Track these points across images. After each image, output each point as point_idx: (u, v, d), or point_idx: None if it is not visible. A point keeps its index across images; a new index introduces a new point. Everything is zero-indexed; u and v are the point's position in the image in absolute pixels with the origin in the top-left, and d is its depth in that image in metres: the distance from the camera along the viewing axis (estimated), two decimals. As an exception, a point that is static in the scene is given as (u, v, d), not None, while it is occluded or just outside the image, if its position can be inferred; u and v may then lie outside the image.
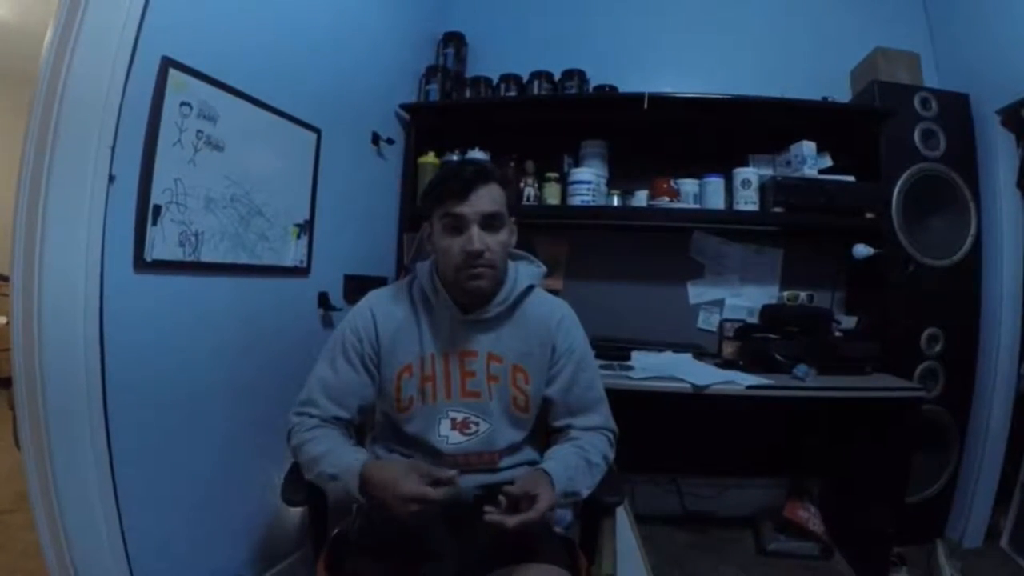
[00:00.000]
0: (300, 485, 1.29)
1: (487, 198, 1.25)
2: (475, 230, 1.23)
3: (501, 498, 1.10)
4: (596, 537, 1.42)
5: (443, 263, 1.29)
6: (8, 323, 1.33)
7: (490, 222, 1.26)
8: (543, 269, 1.45)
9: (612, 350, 2.31)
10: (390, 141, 2.64)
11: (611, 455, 1.37)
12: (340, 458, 1.20)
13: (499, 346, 1.34)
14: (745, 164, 2.66)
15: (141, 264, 1.46)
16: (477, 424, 1.32)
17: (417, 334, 1.34)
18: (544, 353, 1.37)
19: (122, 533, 1.41)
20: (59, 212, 1.29)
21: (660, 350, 2.52)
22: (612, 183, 2.72)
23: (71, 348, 1.31)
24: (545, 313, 1.40)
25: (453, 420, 1.31)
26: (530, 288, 1.39)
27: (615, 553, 1.77)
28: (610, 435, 1.39)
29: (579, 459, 1.27)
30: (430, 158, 2.74)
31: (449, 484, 1.11)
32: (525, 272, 1.39)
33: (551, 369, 1.38)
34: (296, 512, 1.99)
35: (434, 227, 1.30)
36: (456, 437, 1.31)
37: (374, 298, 1.40)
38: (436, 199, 1.27)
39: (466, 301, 1.31)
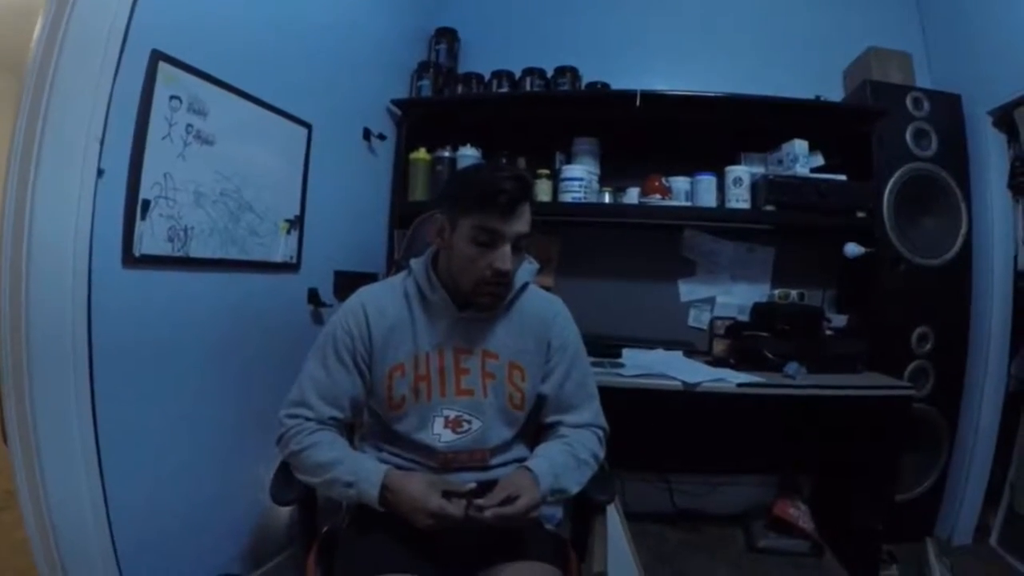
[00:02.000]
0: (289, 484, 1.27)
1: (525, 218, 1.23)
2: (508, 249, 1.21)
3: (481, 502, 1.11)
4: (587, 535, 1.42)
5: (460, 270, 1.25)
6: (-6, 319, 1.32)
7: (520, 242, 1.24)
8: (536, 266, 1.44)
9: (603, 347, 2.30)
10: (381, 137, 2.63)
11: (601, 453, 1.36)
12: (357, 467, 1.20)
13: (495, 343, 1.33)
14: (737, 162, 2.66)
15: (130, 259, 1.45)
16: (469, 422, 1.30)
17: (411, 332, 1.32)
18: (540, 349, 1.36)
19: (110, 530, 1.41)
20: (47, 206, 1.28)
21: (651, 348, 2.53)
22: (604, 180, 2.72)
23: (59, 344, 1.30)
24: (540, 309, 1.40)
25: (446, 418, 1.30)
26: (525, 285, 1.38)
27: (606, 551, 1.77)
28: (600, 432, 1.38)
29: (567, 456, 1.27)
30: (421, 154, 2.74)
31: (464, 497, 1.13)
32: (521, 270, 1.37)
33: (546, 365, 1.37)
34: (285, 510, 1.98)
35: (458, 230, 1.23)
36: (448, 435, 1.29)
37: (366, 294, 1.37)
38: (475, 207, 1.20)
39: (464, 300, 1.30)
